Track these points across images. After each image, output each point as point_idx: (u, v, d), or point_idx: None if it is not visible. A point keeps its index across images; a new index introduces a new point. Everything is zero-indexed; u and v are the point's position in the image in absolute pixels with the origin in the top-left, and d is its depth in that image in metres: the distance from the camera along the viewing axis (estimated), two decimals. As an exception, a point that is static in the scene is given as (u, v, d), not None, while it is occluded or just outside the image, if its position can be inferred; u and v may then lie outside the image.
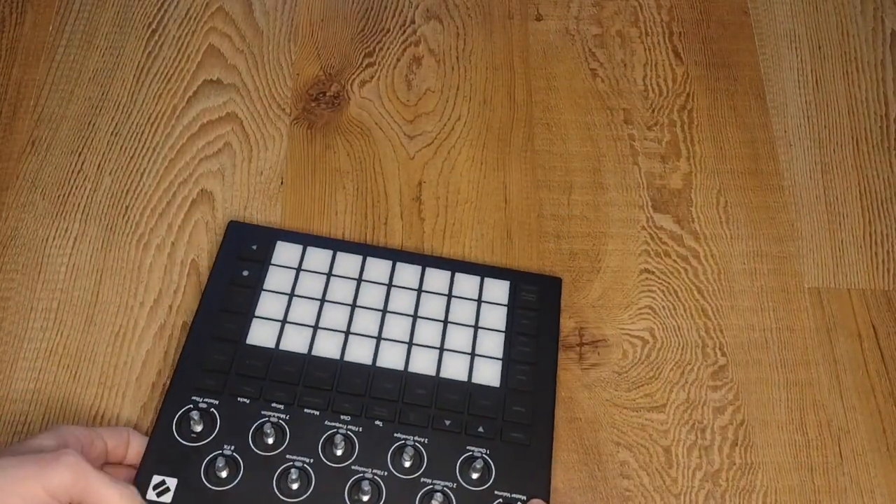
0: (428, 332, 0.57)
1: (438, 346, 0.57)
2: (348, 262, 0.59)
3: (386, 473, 0.51)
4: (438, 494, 0.50)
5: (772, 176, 0.67)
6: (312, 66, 0.69)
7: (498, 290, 0.59)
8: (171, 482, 0.50)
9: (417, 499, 0.51)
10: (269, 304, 0.57)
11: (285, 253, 0.59)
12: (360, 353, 0.56)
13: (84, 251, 0.60)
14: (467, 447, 0.53)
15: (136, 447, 0.51)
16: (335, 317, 0.57)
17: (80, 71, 0.67)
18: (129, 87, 0.67)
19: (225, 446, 0.51)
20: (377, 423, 0.53)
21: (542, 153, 0.66)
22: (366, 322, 0.57)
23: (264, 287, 0.58)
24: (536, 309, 0.58)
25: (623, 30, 0.72)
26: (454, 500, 0.51)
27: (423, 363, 0.56)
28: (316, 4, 0.72)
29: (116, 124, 0.65)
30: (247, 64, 0.69)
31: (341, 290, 0.58)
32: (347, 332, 0.56)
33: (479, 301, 0.59)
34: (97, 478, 0.45)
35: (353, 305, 0.58)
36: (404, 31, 0.71)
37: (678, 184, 0.66)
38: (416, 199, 0.64)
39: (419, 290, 0.59)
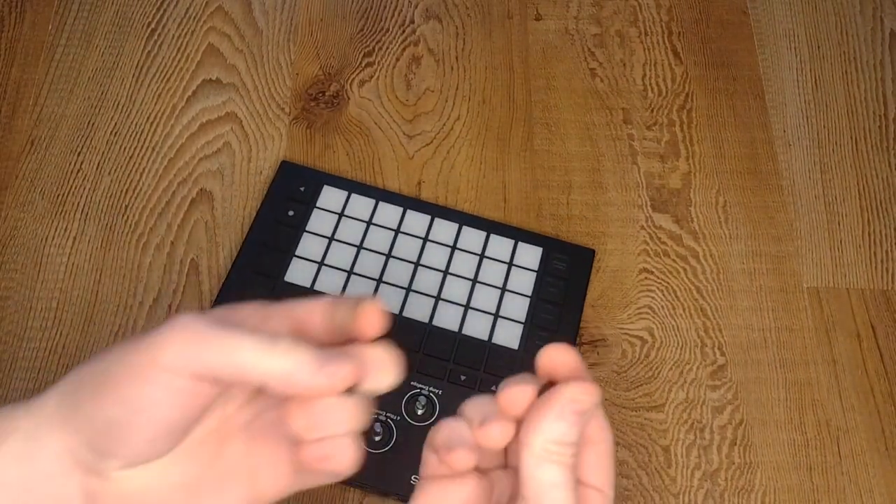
0: (456, 289, 0.59)
1: (464, 303, 0.58)
2: (389, 213, 0.61)
3: (398, 418, 0.54)
4: None
5: (771, 176, 0.67)
6: (312, 66, 0.69)
7: (530, 255, 0.61)
8: None
9: (425, 445, 0.52)
10: (309, 245, 0.60)
11: (331, 197, 0.62)
12: (388, 301, 0.58)
13: (83, 250, 0.60)
14: None
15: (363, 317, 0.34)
16: (370, 264, 0.59)
17: (80, 70, 0.67)
18: (129, 87, 0.67)
19: None
20: None
21: (542, 153, 0.66)
22: (398, 272, 0.59)
23: (307, 228, 0.60)
24: (565, 278, 0.60)
25: (622, 29, 0.72)
26: None
27: (447, 318, 0.58)
28: (315, 4, 0.72)
29: (116, 124, 0.65)
30: (246, 63, 0.69)
31: (379, 239, 0.60)
32: (379, 280, 0.59)
33: (510, 264, 0.60)
34: (222, 333, 0.32)
35: (388, 255, 0.60)
36: (404, 31, 0.71)
37: (677, 183, 0.66)
38: (415, 198, 0.64)
39: (453, 248, 0.61)
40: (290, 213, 0.61)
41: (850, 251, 0.64)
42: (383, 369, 0.34)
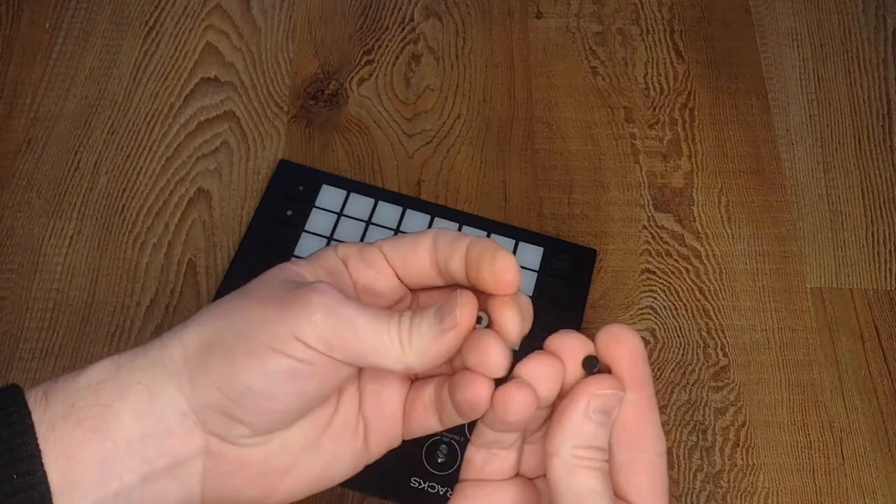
0: None
1: None
2: (388, 212, 0.61)
3: None
4: (444, 446, 0.52)
5: (774, 175, 0.66)
6: (311, 64, 0.69)
7: (531, 255, 0.60)
8: None
9: (424, 448, 0.53)
10: (308, 245, 0.59)
11: (329, 197, 0.61)
12: None
13: (80, 250, 0.60)
14: None
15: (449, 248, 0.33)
16: None
17: (77, 69, 0.67)
18: (126, 86, 0.66)
19: None
20: None
21: (542, 152, 0.66)
22: None
23: (306, 228, 0.60)
24: (566, 278, 0.59)
25: (624, 27, 0.72)
26: (459, 452, 0.52)
27: None
28: (314, 2, 0.71)
29: (113, 123, 0.65)
30: (244, 62, 0.68)
31: (377, 239, 0.59)
32: None
33: None
34: (355, 316, 0.31)
35: None
36: (403, 29, 0.71)
37: (679, 183, 0.65)
38: (415, 198, 0.63)
39: None
40: (289, 212, 0.60)
41: (854, 251, 0.63)
42: (514, 310, 0.32)
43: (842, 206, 0.65)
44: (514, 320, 0.32)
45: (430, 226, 0.61)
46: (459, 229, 0.61)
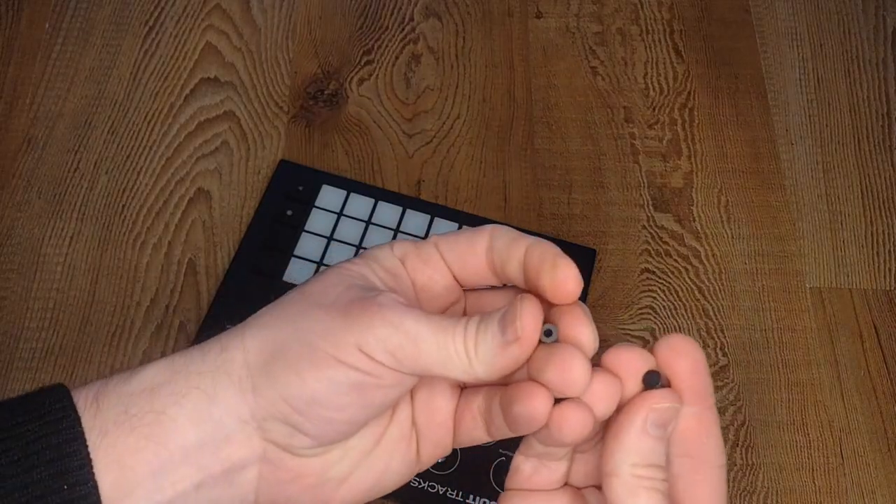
0: None
1: None
2: (388, 212, 0.61)
3: None
4: None
5: (773, 175, 0.66)
6: (310, 64, 0.69)
7: None
8: None
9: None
10: (308, 245, 0.59)
11: (329, 197, 0.61)
12: None
13: (80, 250, 0.60)
14: None
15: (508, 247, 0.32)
16: None
17: (77, 69, 0.67)
18: (126, 85, 0.66)
19: None
20: None
21: (542, 152, 0.66)
22: None
23: (306, 228, 0.60)
24: None
25: (624, 27, 0.72)
26: (458, 452, 0.52)
27: None
28: (314, 2, 0.71)
29: (113, 122, 0.65)
30: (244, 62, 0.68)
31: (378, 239, 0.60)
32: None
33: None
34: (420, 328, 0.30)
35: None
36: (403, 29, 0.71)
37: (679, 183, 0.65)
38: (415, 198, 0.63)
39: None
40: (289, 212, 0.60)
41: (853, 251, 0.64)
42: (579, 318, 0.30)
43: (841, 206, 0.65)
44: (589, 336, 0.30)
45: (429, 226, 0.61)
46: (459, 229, 0.61)
